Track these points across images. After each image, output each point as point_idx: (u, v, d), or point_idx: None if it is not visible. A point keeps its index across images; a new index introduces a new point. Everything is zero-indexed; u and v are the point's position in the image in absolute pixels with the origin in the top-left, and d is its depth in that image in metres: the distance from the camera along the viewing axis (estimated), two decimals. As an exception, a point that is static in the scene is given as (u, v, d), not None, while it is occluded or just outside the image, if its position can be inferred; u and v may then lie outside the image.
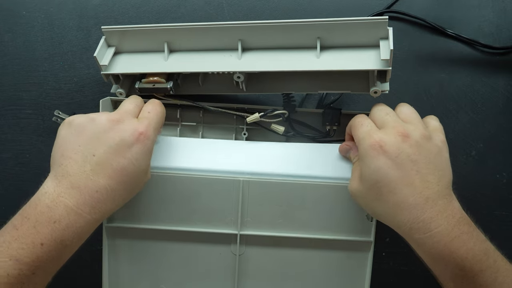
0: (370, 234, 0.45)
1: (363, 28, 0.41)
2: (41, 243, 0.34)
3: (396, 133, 0.37)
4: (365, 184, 0.38)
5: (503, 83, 0.53)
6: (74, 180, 0.35)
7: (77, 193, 0.35)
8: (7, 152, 0.52)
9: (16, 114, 0.52)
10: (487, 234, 0.45)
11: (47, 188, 0.36)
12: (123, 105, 0.41)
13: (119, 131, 0.37)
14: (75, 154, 0.36)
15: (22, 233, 0.34)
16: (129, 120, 0.38)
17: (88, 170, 0.35)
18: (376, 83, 0.42)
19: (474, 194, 0.52)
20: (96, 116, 0.38)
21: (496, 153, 0.53)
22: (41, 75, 0.52)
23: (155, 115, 0.40)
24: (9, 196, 0.51)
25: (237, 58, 0.43)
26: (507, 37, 0.54)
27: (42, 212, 0.34)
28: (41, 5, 0.53)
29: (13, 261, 0.33)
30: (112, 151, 0.36)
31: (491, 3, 0.54)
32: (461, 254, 0.35)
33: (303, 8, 0.53)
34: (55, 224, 0.34)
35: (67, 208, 0.34)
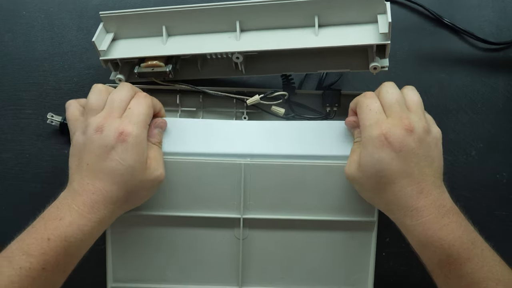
0: (374, 214, 0.45)
1: (361, 4, 0.41)
2: (48, 238, 0.36)
3: (402, 125, 0.38)
4: (365, 172, 0.39)
5: (503, 83, 0.53)
6: (75, 185, 0.39)
7: (77, 195, 0.38)
8: (7, 152, 0.52)
9: (16, 114, 0.52)
10: (487, 234, 0.46)
11: (61, 194, 0.40)
12: (110, 99, 0.41)
13: (102, 138, 0.39)
14: (75, 165, 0.40)
15: (35, 230, 0.37)
16: (111, 123, 0.39)
17: (84, 177, 0.39)
18: (376, 58, 0.42)
19: (474, 194, 0.52)
20: (87, 125, 0.40)
21: (496, 153, 0.53)
22: (41, 75, 0.52)
23: (137, 110, 0.41)
24: (9, 196, 0.51)
25: (236, 39, 0.43)
26: (507, 37, 0.54)
27: (52, 212, 0.38)
28: (41, 5, 0.53)
29: (25, 255, 0.35)
30: (100, 158, 0.39)
31: (491, 3, 0.54)
32: (449, 241, 0.37)
33: None
34: (60, 221, 0.37)
35: (70, 208, 0.38)
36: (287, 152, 0.44)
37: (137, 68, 0.45)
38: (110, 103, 0.41)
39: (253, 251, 0.46)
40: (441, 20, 0.53)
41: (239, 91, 0.47)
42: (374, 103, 0.40)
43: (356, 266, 0.46)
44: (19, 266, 0.35)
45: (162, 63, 0.45)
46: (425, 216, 0.37)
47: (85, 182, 0.39)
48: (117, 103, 0.41)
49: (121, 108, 0.41)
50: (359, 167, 0.40)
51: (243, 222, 0.45)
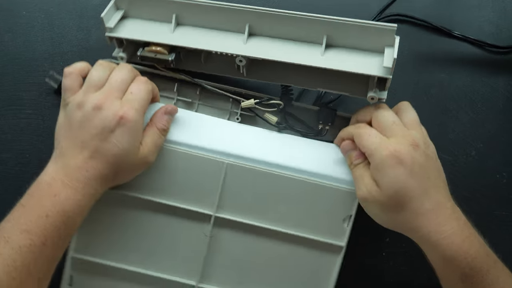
0: (343, 239, 0.45)
1: (371, 32, 0.41)
2: (46, 215, 0.37)
3: (407, 142, 0.39)
4: (385, 193, 0.39)
5: (503, 83, 0.53)
6: (67, 161, 0.39)
7: (70, 171, 0.39)
8: (7, 152, 0.52)
9: (16, 114, 0.52)
10: (487, 234, 0.46)
11: (47, 168, 0.40)
12: (111, 78, 0.41)
13: (101, 118, 0.39)
14: (68, 139, 0.40)
15: (29, 208, 0.38)
16: (112, 104, 0.40)
17: (78, 153, 0.39)
18: (375, 89, 0.42)
19: (474, 194, 0.52)
20: (83, 100, 0.40)
21: (496, 153, 0.53)
22: (41, 75, 0.52)
23: (138, 95, 0.41)
24: (9, 196, 0.51)
25: (243, 42, 0.43)
26: (507, 37, 0.54)
27: (43, 189, 0.38)
28: (41, 5, 0.53)
29: (24, 233, 0.36)
30: (96, 136, 0.39)
31: (491, 3, 0.54)
32: (471, 254, 0.38)
33: (300, 7, 0.53)
34: (56, 197, 0.38)
35: (63, 184, 0.38)
36: (272, 160, 0.45)
37: (140, 50, 0.45)
38: (111, 82, 0.41)
39: (219, 250, 0.46)
40: (450, 33, 0.53)
41: (237, 91, 0.47)
42: (372, 130, 0.41)
43: (316, 286, 0.46)
44: (19, 244, 0.35)
45: (166, 51, 0.45)
46: (448, 230, 0.38)
47: (78, 159, 0.39)
48: (118, 84, 0.41)
49: (121, 89, 0.41)
50: (378, 190, 0.40)
51: (214, 220, 0.45)
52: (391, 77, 0.40)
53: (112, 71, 0.42)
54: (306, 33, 0.43)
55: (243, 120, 0.48)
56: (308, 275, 0.46)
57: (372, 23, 0.40)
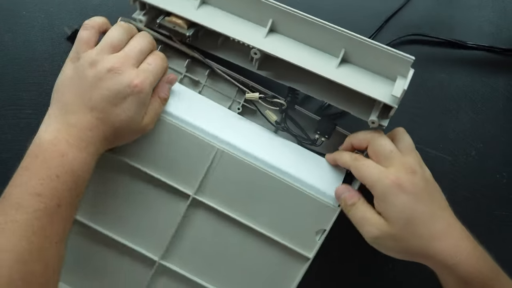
0: (311, 251, 0.45)
1: (388, 58, 0.41)
2: (56, 176, 0.36)
3: (405, 170, 0.39)
4: (395, 224, 0.39)
5: (503, 83, 0.53)
6: (71, 119, 0.38)
7: (74, 130, 0.38)
8: (7, 152, 0.52)
9: (16, 114, 0.52)
10: (487, 234, 0.46)
11: (48, 126, 0.39)
12: (131, 45, 0.41)
13: (116, 82, 0.39)
14: (74, 95, 0.39)
15: (35, 170, 0.36)
16: (128, 70, 0.39)
17: (83, 111, 0.38)
18: (378, 114, 0.42)
19: (474, 194, 0.52)
20: (97, 59, 0.39)
21: (496, 153, 0.53)
22: (41, 75, 0.52)
23: (155, 68, 0.41)
24: (9, 196, 0.51)
25: (262, 36, 0.43)
26: (507, 37, 0.54)
27: (47, 149, 0.37)
28: (41, 5, 0.53)
29: (36, 196, 0.35)
30: (107, 99, 0.39)
31: (491, 3, 0.54)
32: (485, 273, 0.38)
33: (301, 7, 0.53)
34: (63, 157, 0.37)
35: (68, 143, 0.37)
36: (262, 157, 0.45)
37: (161, 18, 0.45)
38: (130, 48, 0.41)
39: (188, 232, 0.46)
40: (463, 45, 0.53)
41: (244, 81, 0.47)
42: (369, 161, 0.41)
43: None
44: (33, 208, 0.35)
45: (186, 26, 0.45)
46: (463, 252, 0.38)
47: (84, 118, 0.38)
48: (136, 52, 0.41)
49: (138, 58, 0.41)
50: (386, 224, 0.39)
51: (191, 201, 0.45)
52: (396, 107, 0.40)
53: (132, 37, 0.42)
54: (326, 43, 0.43)
55: (243, 111, 0.48)
56: (270, 277, 0.46)
57: (391, 49, 0.40)
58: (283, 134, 0.48)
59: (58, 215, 0.36)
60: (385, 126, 0.42)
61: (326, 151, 0.47)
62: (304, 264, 0.45)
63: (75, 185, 0.37)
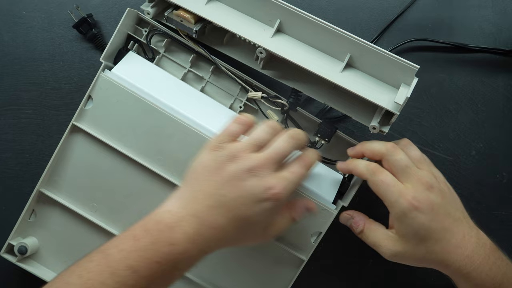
0: (306, 253, 0.45)
1: (393, 65, 0.41)
2: (157, 261, 0.35)
3: (422, 185, 0.40)
4: (411, 242, 0.41)
5: (503, 83, 0.53)
6: (199, 209, 0.37)
7: (197, 223, 0.36)
8: (7, 152, 0.52)
9: (16, 114, 0.52)
10: (487, 234, 0.46)
11: (171, 206, 0.37)
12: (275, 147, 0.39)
13: (254, 184, 0.37)
14: (208, 186, 0.37)
15: (142, 246, 0.35)
16: (269, 174, 0.38)
17: (213, 206, 0.37)
18: (379, 120, 0.42)
19: (474, 194, 0.52)
20: (239, 155, 0.38)
21: (496, 153, 0.53)
22: (41, 75, 0.52)
23: (297, 178, 0.39)
24: (9, 196, 0.51)
25: (269, 36, 0.43)
26: (507, 37, 0.54)
27: (163, 231, 0.36)
28: (41, 5, 0.53)
29: (131, 271, 0.34)
30: (241, 199, 0.37)
31: (491, 3, 0.54)
32: (499, 280, 0.40)
33: (302, 8, 0.53)
34: (173, 246, 0.35)
35: (186, 235, 0.36)
36: None
37: (169, 11, 0.45)
38: (273, 150, 0.39)
39: None
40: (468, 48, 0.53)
41: (248, 80, 0.47)
42: (387, 176, 0.41)
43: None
44: (124, 281, 0.34)
45: (193, 20, 0.45)
46: (476, 261, 0.40)
47: (211, 212, 0.37)
48: (279, 156, 0.39)
49: (280, 162, 0.39)
50: (403, 243, 0.41)
51: None
52: (398, 114, 0.40)
53: (277, 137, 0.40)
54: (332, 46, 0.43)
55: (245, 109, 0.49)
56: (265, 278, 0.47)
57: (397, 57, 0.40)
58: None
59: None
60: (385, 133, 0.42)
61: (325, 154, 0.47)
62: (299, 266, 0.46)
63: (169, 275, 0.36)
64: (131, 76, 0.46)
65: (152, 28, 0.48)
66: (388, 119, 0.42)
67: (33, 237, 0.48)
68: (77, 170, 0.46)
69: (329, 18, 0.51)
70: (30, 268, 0.47)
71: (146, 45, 0.48)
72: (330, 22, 0.42)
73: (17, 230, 0.47)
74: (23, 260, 0.47)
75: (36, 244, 0.47)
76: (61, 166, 0.47)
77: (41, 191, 0.46)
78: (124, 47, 0.48)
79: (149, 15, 0.46)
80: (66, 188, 0.47)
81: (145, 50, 0.49)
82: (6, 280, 0.51)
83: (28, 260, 0.47)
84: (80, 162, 0.46)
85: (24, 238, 0.47)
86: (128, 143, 0.46)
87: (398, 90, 0.41)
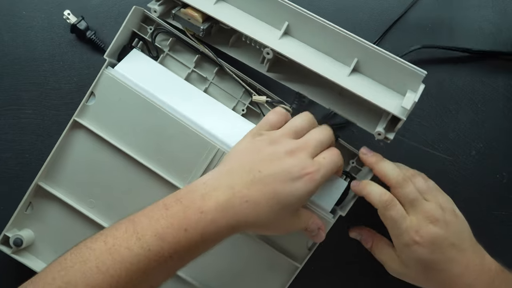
0: (301, 261, 0.46)
1: (400, 70, 0.41)
2: (185, 229, 0.35)
3: (427, 219, 0.41)
4: (412, 270, 0.43)
5: (503, 83, 0.53)
6: (234, 181, 0.37)
7: (231, 193, 0.37)
8: (7, 152, 0.52)
9: (16, 114, 0.52)
10: (487, 234, 0.46)
11: (207, 178, 0.38)
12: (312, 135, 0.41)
13: (290, 163, 0.38)
14: (246, 162, 0.39)
15: (172, 213, 0.35)
16: (304, 157, 0.39)
17: (249, 180, 0.37)
18: (385, 126, 0.42)
19: (474, 194, 0.52)
20: (278, 140, 0.40)
21: (496, 153, 0.53)
22: (41, 75, 0.52)
23: (330, 163, 0.40)
24: (9, 196, 0.51)
25: (277, 37, 0.43)
26: (507, 37, 0.54)
27: (195, 199, 0.36)
28: (41, 5, 0.53)
29: (158, 238, 0.34)
30: (276, 176, 0.38)
31: (491, 3, 0.54)
32: None
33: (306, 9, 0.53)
34: (203, 214, 0.35)
35: (217, 204, 0.36)
36: None
37: (176, 9, 0.45)
38: (310, 138, 0.41)
39: None
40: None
41: (252, 83, 0.47)
42: (397, 212, 0.42)
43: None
44: (149, 247, 0.34)
45: (200, 20, 0.44)
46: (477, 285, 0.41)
47: (246, 185, 0.37)
48: (316, 143, 0.40)
49: (316, 149, 0.40)
50: (406, 269, 0.43)
51: None
52: (404, 119, 0.40)
53: (314, 128, 0.42)
54: (339, 50, 0.43)
55: (247, 112, 0.49)
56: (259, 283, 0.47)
57: (404, 62, 0.40)
58: None
59: (166, 265, 0.35)
60: (390, 140, 0.42)
61: None
62: (293, 273, 0.46)
63: (195, 247, 0.36)
64: (134, 74, 0.46)
65: (157, 27, 0.48)
66: (394, 125, 0.42)
67: (29, 229, 0.48)
68: (76, 166, 0.47)
69: (329, 18, 0.51)
70: (25, 260, 0.47)
71: (150, 43, 0.48)
72: (330, 21, 0.42)
73: (13, 222, 0.47)
74: (18, 252, 0.47)
75: (31, 237, 0.48)
76: (60, 161, 0.47)
77: (39, 184, 0.47)
78: (129, 45, 0.48)
79: (156, 13, 0.46)
80: (65, 183, 0.47)
81: (149, 48, 0.49)
82: (1, 272, 0.51)
83: (23, 252, 0.48)
84: (80, 157, 0.46)
85: (20, 230, 0.47)
86: (128, 141, 0.46)
87: (404, 96, 0.41)
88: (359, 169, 0.47)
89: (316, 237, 0.42)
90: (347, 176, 0.48)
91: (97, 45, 0.52)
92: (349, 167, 0.48)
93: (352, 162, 0.47)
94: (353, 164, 0.47)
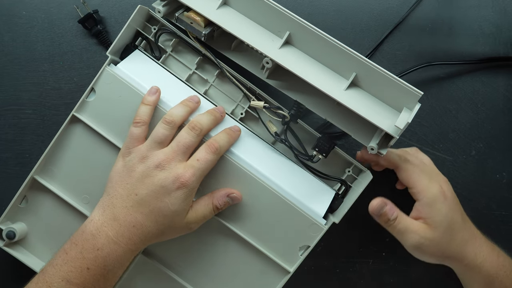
0: (293, 265, 0.46)
1: (397, 89, 0.41)
2: (87, 268, 0.38)
3: (444, 180, 0.46)
4: (439, 230, 0.43)
5: (503, 83, 0.53)
6: (117, 213, 0.40)
7: (117, 225, 0.40)
8: (7, 152, 0.52)
9: (16, 114, 0.52)
10: (487, 234, 0.46)
11: (93, 216, 0.41)
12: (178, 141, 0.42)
13: (162, 177, 0.40)
14: (123, 189, 0.41)
15: (71, 257, 0.39)
16: (175, 166, 0.41)
17: (129, 206, 0.40)
18: (378, 141, 0.42)
19: (474, 194, 0.52)
20: (146, 155, 0.41)
21: (496, 153, 0.53)
22: (41, 75, 0.52)
23: (203, 165, 0.42)
24: (9, 196, 0.51)
25: (277, 46, 0.43)
26: (507, 37, 0.54)
27: (87, 239, 0.39)
28: (41, 5, 0.53)
29: (65, 282, 0.38)
30: (152, 194, 0.40)
31: (491, 3, 0.54)
32: (507, 265, 0.44)
33: (303, 9, 0.53)
34: (98, 251, 0.39)
35: (108, 238, 0.39)
36: (261, 170, 0.45)
37: (180, 12, 0.45)
38: (177, 144, 0.42)
39: None
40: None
41: (251, 88, 0.47)
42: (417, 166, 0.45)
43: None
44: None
45: (203, 24, 0.44)
46: (485, 251, 0.44)
47: (128, 212, 0.40)
48: (184, 148, 0.42)
49: (186, 153, 0.42)
50: (430, 230, 0.43)
51: None
52: (397, 138, 0.40)
53: (180, 132, 0.42)
54: (339, 63, 0.43)
55: (245, 117, 0.49)
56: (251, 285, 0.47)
57: (401, 81, 0.40)
58: (280, 145, 0.48)
59: None
60: (383, 155, 0.42)
61: (321, 169, 0.47)
62: (284, 277, 0.46)
63: (103, 278, 0.39)
64: (135, 74, 0.46)
65: (161, 27, 0.48)
66: (387, 141, 0.42)
67: (22, 222, 0.48)
68: (72, 161, 0.47)
69: (329, 18, 0.52)
70: (17, 254, 0.47)
71: (153, 43, 0.48)
72: (330, 22, 0.42)
73: (7, 214, 0.47)
74: (10, 245, 0.47)
75: (24, 230, 0.48)
76: (57, 155, 0.47)
77: (34, 177, 0.47)
78: (132, 43, 0.48)
79: (159, 13, 0.46)
80: (60, 178, 0.47)
81: (152, 47, 0.49)
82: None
83: (16, 245, 0.48)
84: (77, 153, 0.46)
85: (13, 223, 0.47)
86: (125, 138, 0.45)
87: (400, 114, 0.41)
88: (355, 178, 0.47)
89: (234, 202, 0.44)
90: (342, 185, 0.48)
91: (103, 40, 0.52)
92: (345, 176, 0.48)
93: (348, 171, 0.47)
94: (349, 173, 0.47)
